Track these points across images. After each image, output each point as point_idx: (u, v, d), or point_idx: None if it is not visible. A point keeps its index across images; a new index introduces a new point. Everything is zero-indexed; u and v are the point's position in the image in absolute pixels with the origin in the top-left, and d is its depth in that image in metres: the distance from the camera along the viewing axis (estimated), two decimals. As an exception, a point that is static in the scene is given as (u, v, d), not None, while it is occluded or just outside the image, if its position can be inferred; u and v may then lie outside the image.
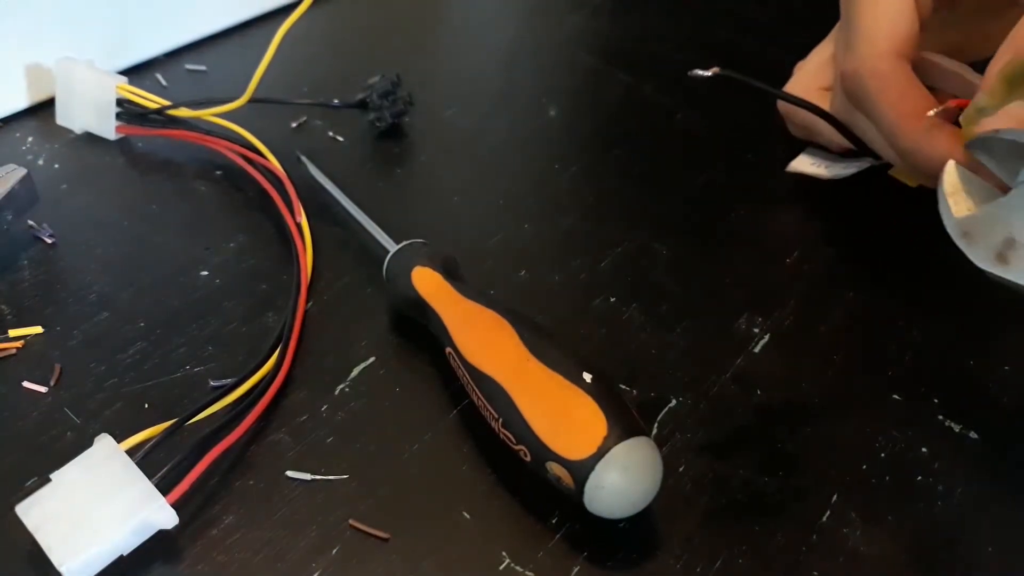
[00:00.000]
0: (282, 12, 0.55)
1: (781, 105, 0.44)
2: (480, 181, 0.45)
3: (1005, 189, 0.30)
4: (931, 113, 0.33)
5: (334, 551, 0.29)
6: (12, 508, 0.28)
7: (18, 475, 0.31)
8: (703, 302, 0.38)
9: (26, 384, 0.34)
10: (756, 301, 0.38)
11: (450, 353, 0.33)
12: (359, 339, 0.36)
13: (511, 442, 0.30)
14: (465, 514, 0.30)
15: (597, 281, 0.39)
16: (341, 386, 0.34)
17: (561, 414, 0.29)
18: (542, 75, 0.53)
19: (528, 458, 0.29)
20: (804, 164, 0.43)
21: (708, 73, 0.35)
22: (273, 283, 0.38)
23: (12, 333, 0.36)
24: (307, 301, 0.37)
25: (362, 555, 0.29)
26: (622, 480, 0.28)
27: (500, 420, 0.30)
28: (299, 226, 0.40)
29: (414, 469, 0.32)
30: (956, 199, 0.30)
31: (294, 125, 0.47)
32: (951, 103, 0.34)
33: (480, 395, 0.31)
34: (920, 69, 0.36)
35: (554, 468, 0.28)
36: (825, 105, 0.40)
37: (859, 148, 0.40)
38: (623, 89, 0.51)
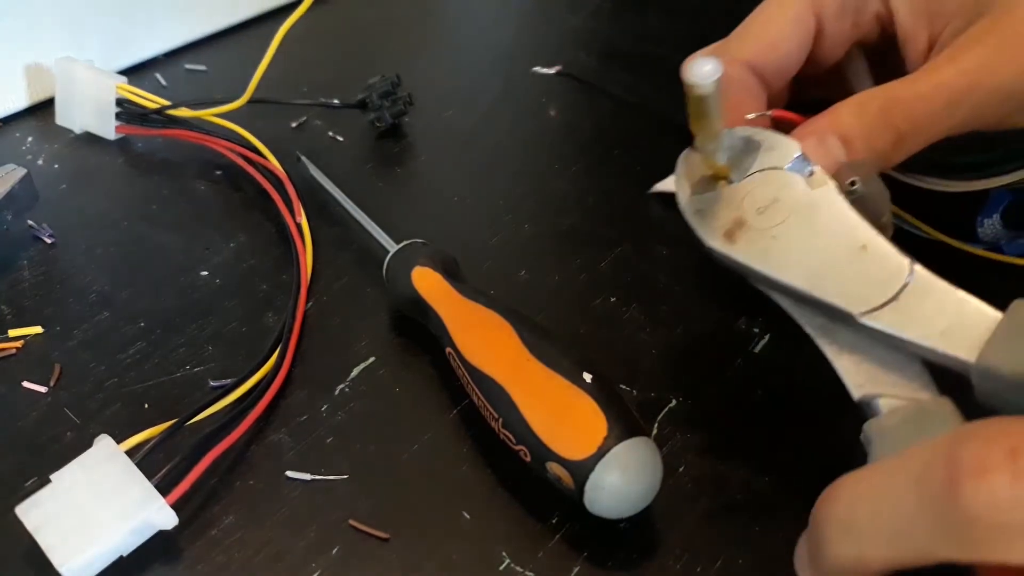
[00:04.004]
0: (282, 12, 0.55)
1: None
2: (480, 181, 0.45)
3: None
4: (749, 116, 0.34)
5: (334, 551, 0.29)
6: (12, 509, 0.28)
7: (18, 476, 0.31)
8: (703, 302, 0.38)
9: (26, 384, 0.34)
10: (756, 301, 0.38)
11: (450, 353, 0.33)
12: (359, 339, 0.36)
13: (511, 442, 0.30)
14: (465, 514, 0.30)
15: (597, 281, 0.39)
16: (341, 386, 0.34)
17: (561, 414, 0.29)
18: (542, 75, 0.53)
19: (528, 458, 0.29)
20: (668, 184, 0.42)
21: (551, 71, 0.35)
22: (273, 283, 0.38)
23: (12, 333, 0.36)
24: (307, 301, 0.37)
25: (362, 555, 0.29)
26: (622, 480, 0.28)
27: (500, 420, 0.30)
28: (299, 226, 0.40)
29: (414, 469, 0.32)
30: (692, 180, 0.31)
31: (294, 125, 0.47)
32: (773, 112, 0.34)
33: (480, 395, 0.31)
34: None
35: (554, 468, 0.28)
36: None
37: None
38: (623, 89, 0.51)
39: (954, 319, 0.25)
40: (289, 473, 0.31)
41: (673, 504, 0.30)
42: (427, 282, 0.34)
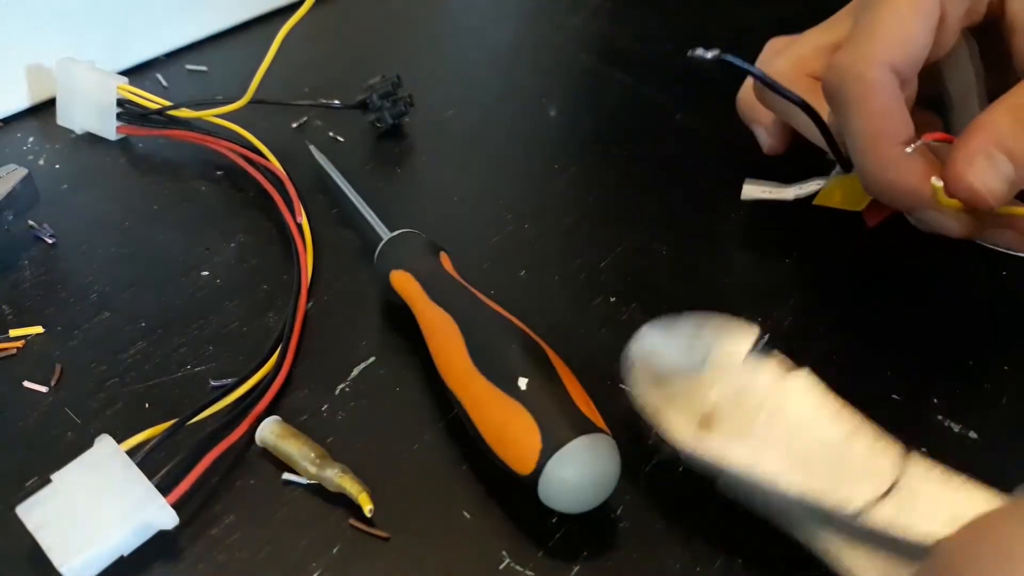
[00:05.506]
0: (283, 12, 0.55)
1: (748, 97, 0.41)
2: (480, 181, 0.45)
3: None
4: (909, 150, 0.32)
5: (334, 551, 0.29)
6: (13, 508, 0.28)
7: (19, 475, 0.31)
8: (703, 302, 0.38)
9: (27, 384, 0.34)
10: (756, 301, 0.38)
11: None
12: (359, 339, 0.36)
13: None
14: (465, 514, 0.30)
15: (597, 281, 0.39)
16: (341, 386, 0.34)
17: (503, 429, 0.29)
18: (542, 75, 0.53)
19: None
20: (756, 191, 0.41)
21: (709, 56, 0.33)
22: (273, 283, 0.38)
23: (13, 333, 0.36)
24: (307, 301, 0.37)
25: (362, 555, 0.29)
26: (570, 482, 0.28)
27: (470, 431, 0.30)
28: (299, 226, 0.40)
29: (414, 469, 0.32)
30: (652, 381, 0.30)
31: (295, 126, 0.47)
32: (926, 137, 0.32)
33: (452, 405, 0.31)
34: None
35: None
36: (811, 95, 0.36)
37: (832, 151, 0.37)
38: (623, 89, 0.51)
39: (955, 509, 0.23)
40: (287, 476, 0.31)
41: (673, 504, 0.30)
42: (403, 286, 0.34)
